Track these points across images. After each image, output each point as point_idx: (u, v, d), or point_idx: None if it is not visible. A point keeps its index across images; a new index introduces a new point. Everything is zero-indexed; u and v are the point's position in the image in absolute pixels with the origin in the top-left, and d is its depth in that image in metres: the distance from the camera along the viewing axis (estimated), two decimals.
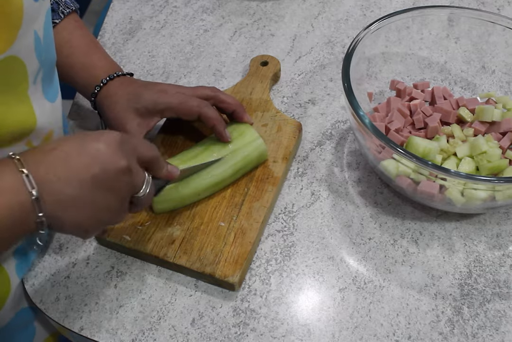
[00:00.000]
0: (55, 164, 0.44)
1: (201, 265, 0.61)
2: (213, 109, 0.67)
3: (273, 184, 0.68)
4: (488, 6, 0.95)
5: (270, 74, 0.81)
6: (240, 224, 0.64)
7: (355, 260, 0.65)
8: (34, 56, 0.51)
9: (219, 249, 0.62)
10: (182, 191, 0.64)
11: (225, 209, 0.66)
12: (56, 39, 0.63)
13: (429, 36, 0.79)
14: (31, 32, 0.50)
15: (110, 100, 0.67)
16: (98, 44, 0.73)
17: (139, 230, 0.64)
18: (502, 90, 0.78)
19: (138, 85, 0.68)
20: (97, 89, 0.68)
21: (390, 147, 0.59)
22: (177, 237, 0.64)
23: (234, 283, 0.60)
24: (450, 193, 0.61)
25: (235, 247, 0.62)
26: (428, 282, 0.63)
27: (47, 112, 0.57)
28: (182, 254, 0.62)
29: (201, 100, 0.67)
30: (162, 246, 0.63)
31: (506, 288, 0.63)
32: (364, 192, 0.71)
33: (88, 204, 0.46)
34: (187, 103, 0.66)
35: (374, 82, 0.77)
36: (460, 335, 0.59)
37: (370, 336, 0.59)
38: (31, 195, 0.42)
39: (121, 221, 0.52)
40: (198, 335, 0.59)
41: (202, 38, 0.91)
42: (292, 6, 0.96)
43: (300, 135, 0.74)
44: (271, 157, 0.71)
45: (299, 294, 0.62)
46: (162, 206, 0.64)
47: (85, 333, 0.59)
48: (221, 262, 0.61)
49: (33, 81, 0.53)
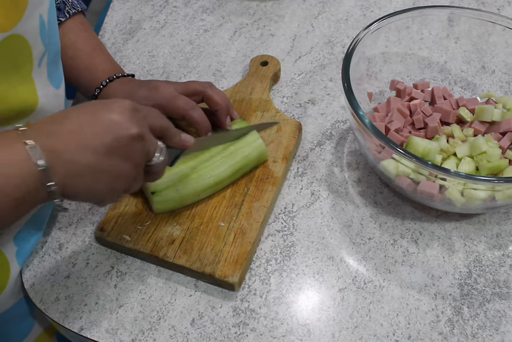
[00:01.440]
0: (67, 134, 0.44)
1: (201, 265, 0.61)
2: (198, 112, 0.66)
3: (273, 183, 0.68)
4: (488, 6, 0.95)
5: (270, 74, 0.81)
6: (240, 223, 0.64)
7: (355, 260, 0.65)
8: (39, 39, 0.52)
9: (219, 249, 0.62)
10: (182, 191, 0.64)
11: (225, 209, 0.66)
12: (62, 41, 0.64)
13: (429, 36, 0.79)
14: (37, 15, 0.51)
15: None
16: (102, 47, 0.74)
17: (139, 230, 0.64)
18: (502, 90, 0.78)
19: (134, 84, 0.69)
20: (97, 91, 0.69)
21: (390, 147, 0.59)
22: (177, 237, 0.64)
23: (234, 283, 0.60)
24: (450, 193, 0.61)
25: (235, 247, 0.62)
26: (428, 282, 0.63)
27: (50, 97, 0.57)
28: (182, 254, 0.62)
29: (188, 100, 0.66)
30: (162, 246, 0.63)
31: (506, 288, 0.63)
32: (364, 192, 0.71)
33: (102, 172, 0.46)
34: (174, 102, 0.65)
35: (374, 82, 0.77)
36: (460, 335, 0.59)
37: (370, 336, 0.59)
38: (37, 166, 0.42)
39: (137, 189, 0.52)
40: (198, 335, 0.59)
41: (202, 38, 0.91)
42: (292, 6, 0.96)
43: (300, 135, 0.74)
44: (271, 157, 0.71)
45: (299, 294, 0.62)
46: (162, 206, 0.64)
47: (85, 333, 0.59)
48: (221, 262, 0.61)
49: (37, 64, 0.53)
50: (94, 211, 0.69)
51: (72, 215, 0.69)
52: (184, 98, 0.66)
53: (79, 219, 0.68)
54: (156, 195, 0.63)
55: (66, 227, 0.68)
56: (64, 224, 0.68)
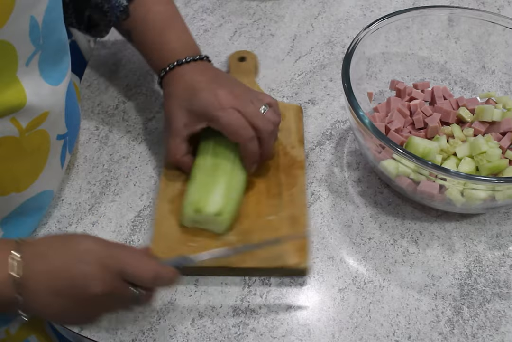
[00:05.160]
0: (39, 274, 0.49)
1: (269, 262, 0.61)
2: (254, 144, 0.62)
3: (301, 167, 0.69)
4: (488, 6, 0.95)
5: (251, 67, 0.81)
6: (288, 212, 0.65)
7: (355, 260, 0.65)
8: (28, 40, 0.51)
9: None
10: (236, 197, 0.63)
11: (266, 203, 0.66)
12: (134, 15, 0.64)
13: (429, 36, 0.79)
14: (27, 17, 0.50)
15: (172, 87, 0.65)
16: (176, 22, 0.70)
17: (194, 247, 0.62)
18: (502, 90, 0.78)
19: (200, 80, 0.64)
20: (163, 73, 0.67)
21: (390, 147, 0.59)
22: (234, 241, 0.62)
23: (306, 268, 0.61)
24: (450, 193, 0.61)
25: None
26: (428, 282, 0.63)
27: (45, 94, 0.56)
28: (247, 257, 0.61)
29: (249, 132, 0.62)
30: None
31: (506, 288, 0.63)
32: (364, 192, 0.71)
33: (69, 311, 0.51)
34: (235, 128, 0.61)
35: (374, 82, 0.77)
36: (460, 335, 0.59)
37: (370, 336, 0.59)
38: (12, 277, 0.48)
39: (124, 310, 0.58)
40: (198, 335, 0.59)
41: (202, 38, 0.91)
42: (292, 6, 0.96)
43: (302, 117, 0.76)
44: (288, 143, 0.72)
45: (299, 294, 0.62)
46: (229, 222, 0.62)
47: (85, 333, 0.59)
48: (287, 252, 0.61)
49: (25, 63, 0.52)
50: (94, 211, 0.69)
51: (72, 215, 0.69)
52: (247, 129, 0.62)
53: (79, 219, 0.68)
54: (221, 214, 0.61)
55: (66, 227, 0.68)
56: (64, 224, 0.68)
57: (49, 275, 0.49)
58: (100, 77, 0.85)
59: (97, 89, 0.83)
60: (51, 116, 0.59)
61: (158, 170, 0.73)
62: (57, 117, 0.61)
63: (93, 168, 0.73)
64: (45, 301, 0.49)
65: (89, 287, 0.49)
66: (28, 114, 0.55)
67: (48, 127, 0.59)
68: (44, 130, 0.59)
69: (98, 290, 0.49)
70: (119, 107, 0.81)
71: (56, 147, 0.63)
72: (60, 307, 0.50)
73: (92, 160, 0.74)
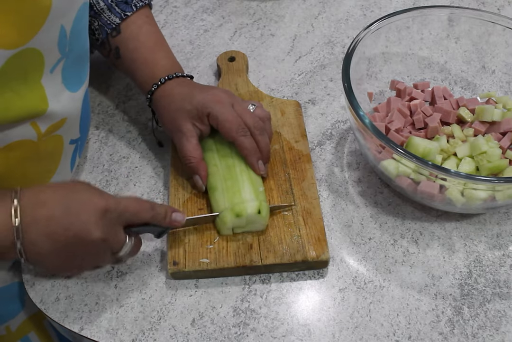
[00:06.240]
0: (39, 220, 0.51)
1: (290, 256, 0.61)
2: (249, 140, 0.65)
3: (307, 161, 0.71)
4: (488, 6, 0.95)
5: (243, 67, 0.82)
6: (301, 206, 0.66)
7: (355, 260, 0.65)
8: (56, 49, 0.53)
9: (297, 235, 0.63)
10: (261, 194, 0.64)
11: (279, 199, 0.67)
12: (125, 33, 0.66)
13: (429, 36, 0.79)
14: (57, 26, 0.51)
15: (166, 100, 0.67)
16: (164, 42, 0.73)
17: (212, 249, 0.63)
18: (502, 90, 0.78)
19: (194, 87, 0.68)
20: (154, 87, 0.68)
21: (390, 147, 0.59)
22: (252, 240, 0.63)
23: (327, 259, 0.62)
24: (450, 193, 0.61)
25: (310, 228, 0.64)
26: (428, 282, 0.63)
27: (65, 101, 0.58)
28: (267, 253, 0.62)
29: (243, 127, 0.65)
30: (243, 254, 0.62)
31: (506, 288, 0.63)
32: (364, 192, 0.71)
33: (63, 258, 0.53)
34: (229, 123, 0.64)
35: (374, 82, 0.77)
36: (460, 335, 0.59)
37: (370, 336, 0.59)
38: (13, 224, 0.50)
39: (106, 265, 0.62)
40: (198, 335, 0.59)
41: (202, 38, 0.91)
42: (292, 6, 0.96)
43: (301, 111, 0.77)
44: (292, 138, 0.73)
45: (299, 294, 0.62)
46: (267, 218, 0.63)
47: (85, 333, 0.59)
48: (306, 245, 0.62)
49: (49, 71, 0.54)
50: None
51: None
52: (240, 124, 0.64)
53: None
54: (261, 211, 0.61)
55: None
56: None
57: (49, 221, 0.51)
58: (100, 77, 0.85)
59: (97, 89, 0.83)
60: (68, 122, 0.60)
61: (158, 170, 0.73)
62: (73, 123, 0.62)
63: (93, 168, 0.73)
64: (42, 246, 0.51)
65: (87, 232, 0.51)
66: (48, 120, 0.56)
67: (63, 132, 0.60)
68: (60, 136, 0.60)
69: (95, 236, 0.51)
70: (119, 107, 0.81)
71: (68, 151, 0.64)
72: (54, 253, 0.52)
73: (92, 160, 0.74)
